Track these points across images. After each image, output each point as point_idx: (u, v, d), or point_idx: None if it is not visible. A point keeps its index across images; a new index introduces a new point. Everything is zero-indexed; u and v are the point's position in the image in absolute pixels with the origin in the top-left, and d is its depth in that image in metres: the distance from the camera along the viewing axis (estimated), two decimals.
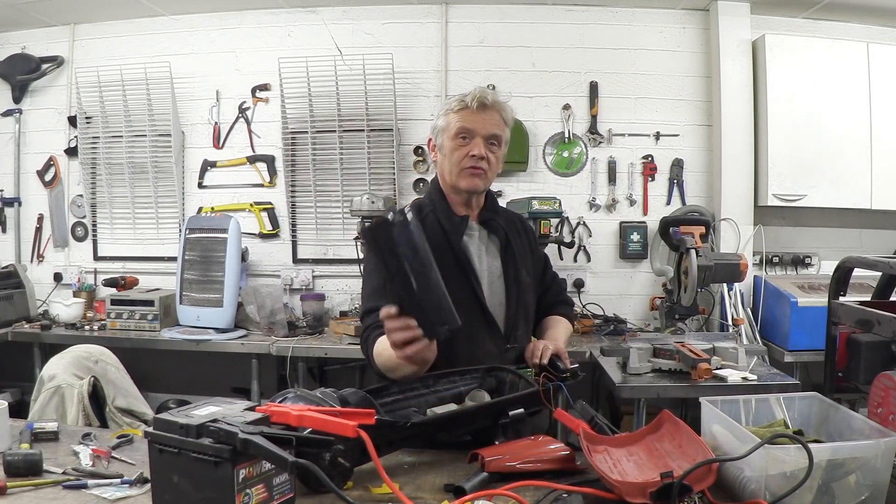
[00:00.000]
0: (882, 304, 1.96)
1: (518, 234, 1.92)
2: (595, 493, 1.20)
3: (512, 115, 1.82)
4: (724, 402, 1.38)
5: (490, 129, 1.75)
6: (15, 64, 4.14)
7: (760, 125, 3.73)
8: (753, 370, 2.54)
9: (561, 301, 2.07)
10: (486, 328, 1.78)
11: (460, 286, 1.71)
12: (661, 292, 3.72)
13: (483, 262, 1.83)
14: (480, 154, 1.74)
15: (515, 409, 1.49)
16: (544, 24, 3.92)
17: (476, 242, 1.84)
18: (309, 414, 1.18)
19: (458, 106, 1.76)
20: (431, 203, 1.83)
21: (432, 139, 1.84)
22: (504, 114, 1.78)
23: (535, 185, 3.93)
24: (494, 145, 1.77)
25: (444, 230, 1.79)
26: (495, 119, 1.76)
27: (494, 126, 1.76)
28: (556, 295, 2.07)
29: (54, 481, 1.32)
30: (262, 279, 4.02)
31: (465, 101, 1.75)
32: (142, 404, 2.25)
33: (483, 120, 1.75)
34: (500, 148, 1.79)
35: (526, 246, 1.94)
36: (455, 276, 1.71)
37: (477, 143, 1.74)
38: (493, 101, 1.76)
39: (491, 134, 1.75)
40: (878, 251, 3.69)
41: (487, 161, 1.75)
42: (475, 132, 1.74)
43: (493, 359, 1.75)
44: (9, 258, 4.20)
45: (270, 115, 4.01)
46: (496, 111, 1.76)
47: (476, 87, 1.81)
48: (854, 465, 1.12)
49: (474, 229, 1.85)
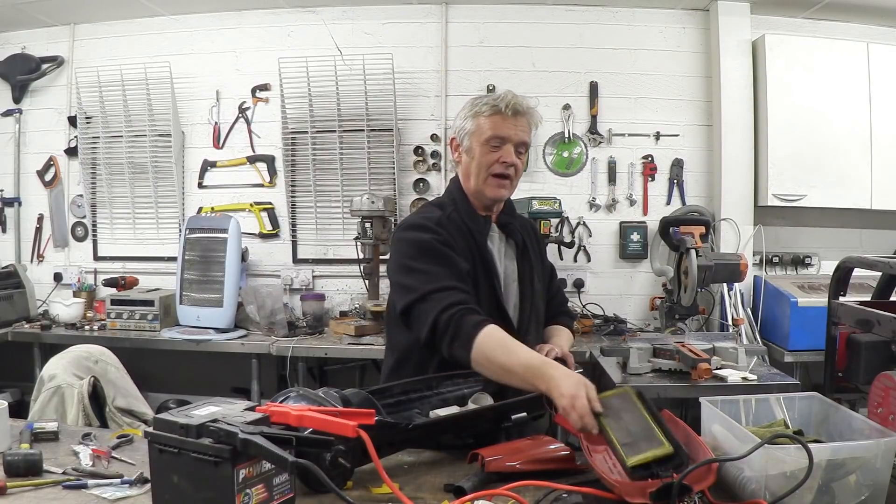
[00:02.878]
0: (882, 304, 1.96)
1: (531, 240, 1.92)
2: (595, 493, 1.20)
3: (539, 118, 1.80)
4: (724, 402, 1.38)
5: (521, 136, 1.73)
6: (15, 64, 4.14)
7: (760, 125, 3.73)
8: (753, 370, 2.54)
9: (563, 312, 2.07)
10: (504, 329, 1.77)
11: (484, 286, 1.71)
12: (661, 292, 3.72)
13: (502, 263, 1.82)
14: (512, 161, 1.72)
15: (518, 413, 1.48)
16: (544, 24, 3.92)
17: (496, 244, 1.83)
18: (309, 414, 1.18)
19: (490, 111, 1.72)
20: (453, 202, 1.79)
21: (456, 139, 1.80)
22: (533, 119, 1.77)
23: (535, 185, 3.93)
24: (522, 153, 1.76)
25: (470, 229, 1.75)
26: (526, 125, 1.74)
27: (525, 133, 1.74)
28: (560, 306, 2.07)
29: (54, 481, 1.32)
30: (262, 279, 4.02)
31: (499, 107, 1.70)
32: (142, 404, 2.25)
33: (515, 126, 1.72)
34: (526, 155, 1.78)
35: (538, 253, 1.94)
36: (480, 276, 1.72)
37: (508, 151, 1.71)
38: (526, 107, 1.74)
39: (521, 141, 1.74)
40: (878, 251, 3.69)
41: (515, 168, 1.74)
42: (508, 139, 1.71)
43: None
44: (9, 258, 4.19)
45: (270, 115, 4.01)
46: (527, 117, 1.74)
47: (507, 90, 1.78)
48: (854, 465, 1.12)
49: (494, 231, 1.83)
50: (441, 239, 1.67)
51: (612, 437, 1.23)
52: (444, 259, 1.64)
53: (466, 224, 1.75)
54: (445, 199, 1.84)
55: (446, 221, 1.73)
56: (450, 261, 1.64)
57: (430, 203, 1.90)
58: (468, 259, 1.69)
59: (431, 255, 1.64)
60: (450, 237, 1.69)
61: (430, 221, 1.72)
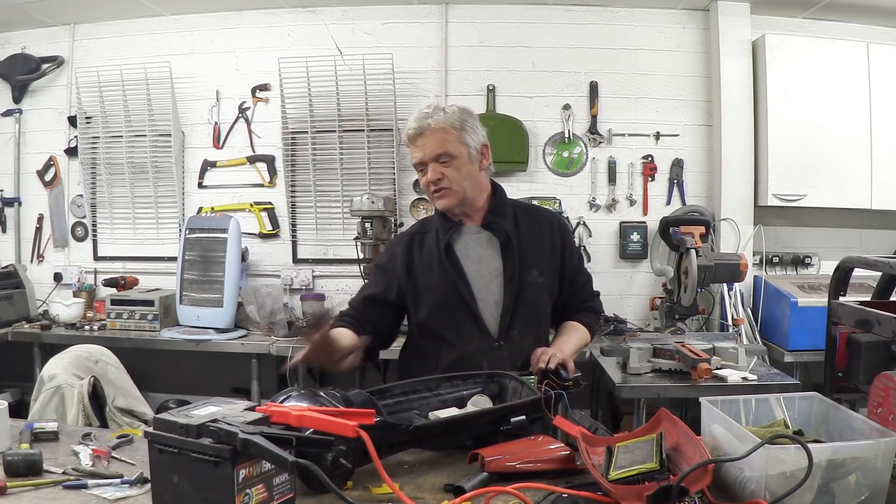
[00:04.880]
0: (882, 304, 1.96)
1: (538, 232, 1.92)
2: (592, 496, 1.19)
3: (462, 118, 1.82)
4: (724, 402, 1.38)
5: (432, 152, 1.80)
6: (15, 64, 4.14)
7: (760, 125, 3.73)
8: (753, 370, 2.55)
9: (586, 308, 2.04)
10: (473, 326, 1.83)
11: (446, 284, 1.83)
12: (661, 292, 3.72)
13: (482, 261, 1.87)
14: (435, 178, 1.80)
15: (517, 417, 1.48)
16: (544, 24, 3.91)
17: (476, 244, 1.88)
18: (309, 414, 1.18)
19: (406, 139, 1.86)
20: (435, 213, 1.95)
21: None
22: (447, 129, 1.80)
23: (535, 185, 3.93)
24: (446, 162, 1.80)
25: (439, 236, 1.89)
26: (436, 139, 1.79)
27: (436, 147, 1.79)
28: (584, 301, 2.04)
29: (54, 481, 1.32)
30: (262, 279, 4.02)
31: (408, 135, 1.84)
32: (142, 404, 2.25)
33: (424, 147, 1.81)
34: (457, 159, 1.81)
35: (545, 245, 1.93)
36: (442, 276, 1.84)
37: (430, 170, 1.81)
38: (429, 123, 1.79)
39: (434, 156, 1.80)
40: (878, 251, 3.68)
41: (447, 178, 1.80)
42: (423, 161, 1.82)
43: (480, 355, 1.79)
44: (9, 258, 4.19)
45: (270, 115, 4.01)
46: (436, 131, 1.79)
47: (420, 109, 1.86)
48: (854, 465, 1.12)
49: (472, 232, 1.90)
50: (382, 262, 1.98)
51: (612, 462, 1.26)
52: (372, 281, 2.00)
53: (438, 232, 1.90)
54: (435, 209, 1.96)
55: (418, 234, 1.95)
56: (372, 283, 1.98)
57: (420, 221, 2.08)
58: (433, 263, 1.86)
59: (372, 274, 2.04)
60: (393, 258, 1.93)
61: (401, 239, 1.98)
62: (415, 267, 1.89)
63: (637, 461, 1.23)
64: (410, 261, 1.90)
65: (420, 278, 1.87)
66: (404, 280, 1.88)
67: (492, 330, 1.83)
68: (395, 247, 1.97)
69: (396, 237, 2.08)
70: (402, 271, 1.89)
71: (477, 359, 1.78)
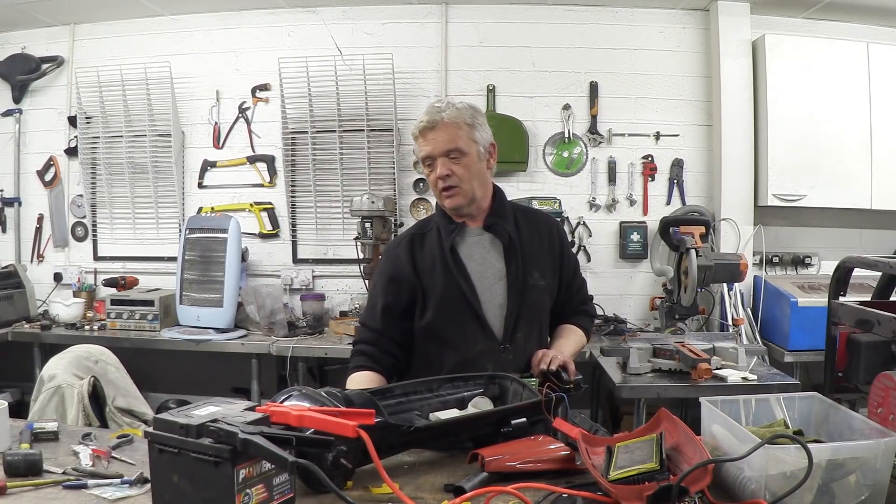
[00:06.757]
0: (882, 304, 1.96)
1: (538, 235, 1.92)
2: (593, 496, 1.19)
3: (473, 115, 1.81)
4: (724, 402, 1.38)
5: (443, 147, 1.76)
6: (15, 64, 4.14)
7: (760, 125, 3.73)
8: (753, 370, 2.55)
9: (581, 311, 2.05)
10: (478, 328, 1.81)
11: (450, 286, 1.80)
12: (661, 292, 3.72)
13: (485, 263, 1.85)
14: (444, 174, 1.77)
15: (518, 419, 1.48)
16: (544, 24, 3.92)
17: (479, 246, 1.86)
18: (309, 414, 1.18)
19: (416, 132, 1.80)
20: (437, 213, 1.92)
21: None
22: (459, 125, 1.77)
23: (535, 185, 3.93)
24: (456, 158, 1.77)
25: (442, 237, 1.85)
26: (448, 134, 1.76)
27: (448, 142, 1.76)
28: (579, 304, 2.04)
29: (54, 481, 1.32)
30: (262, 279, 4.02)
31: (418, 128, 1.79)
32: (142, 404, 2.26)
33: (434, 141, 1.77)
34: (467, 156, 1.78)
35: (545, 248, 1.92)
36: (447, 278, 1.81)
37: (439, 165, 1.77)
38: (442, 117, 1.76)
39: (445, 151, 1.76)
40: (878, 251, 3.68)
41: (456, 176, 1.77)
42: (432, 155, 1.78)
43: (485, 358, 1.78)
44: (9, 258, 4.19)
45: (270, 115, 4.01)
46: (448, 126, 1.76)
47: (433, 102, 1.84)
48: (854, 465, 1.12)
49: (475, 234, 1.87)
50: (386, 268, 1.90)
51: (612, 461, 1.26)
52: (381, 290, 1.87)
53: (440, 233, 1.86)
54: (436, 209, 1.94)
55: (418, 235, 1.91)
56: (381, 293, 1.87)
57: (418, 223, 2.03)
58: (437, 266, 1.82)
59: (378, 284, 1.90)
60: (398, 262, 1.86)
61: (401, 240, 1.92)
62: (419, 268, 1.86)
63: (637, 461, 1.23)
64: (414, 261, 1.86)
65: (424, 279, 1.84)
66: (414, 280, 1.84)
67: (496, 332, 1.81)
68: (395, 249, 1.91)
69: (394, 240, 2.00)
70: (409, 271, 1.84)
71: (481, 361, 1.76)
